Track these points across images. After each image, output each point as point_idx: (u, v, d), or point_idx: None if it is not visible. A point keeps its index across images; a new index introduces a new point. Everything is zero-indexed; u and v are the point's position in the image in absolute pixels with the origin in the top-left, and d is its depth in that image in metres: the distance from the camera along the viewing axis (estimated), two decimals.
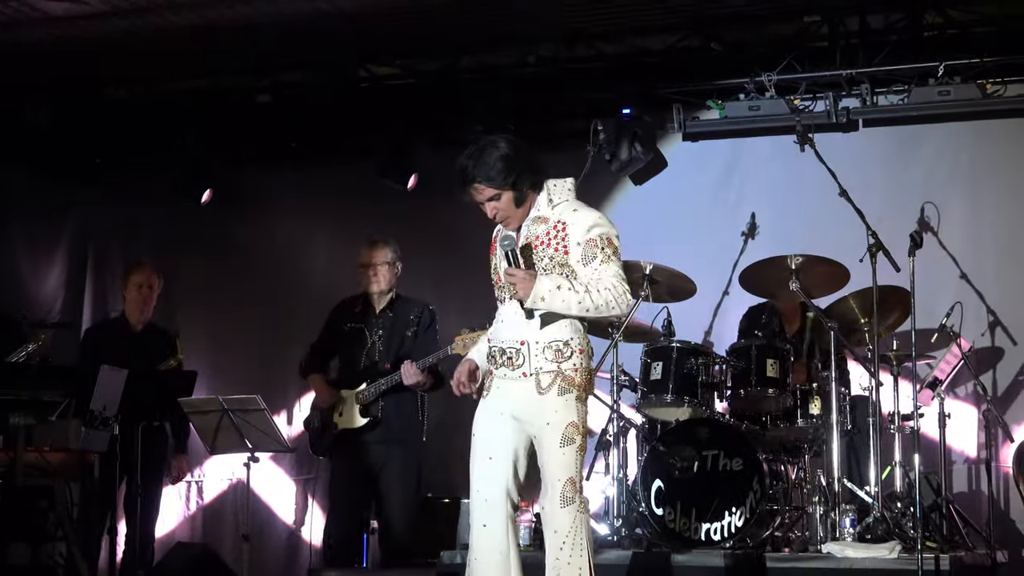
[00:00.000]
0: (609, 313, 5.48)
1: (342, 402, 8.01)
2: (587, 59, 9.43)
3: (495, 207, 5.55)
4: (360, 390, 7.91)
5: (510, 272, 5.47)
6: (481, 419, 5.59)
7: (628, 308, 5.56)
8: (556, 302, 5.43)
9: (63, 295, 10.76)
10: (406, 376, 7.73)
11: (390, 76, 9.86)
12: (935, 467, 8.01)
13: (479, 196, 5.55)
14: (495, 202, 5.54)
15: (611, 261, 5.48)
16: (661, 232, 9.18)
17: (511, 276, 5.46)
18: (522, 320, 5.48)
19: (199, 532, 10.21)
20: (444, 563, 7.53)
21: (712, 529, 7.53)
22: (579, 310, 5.44)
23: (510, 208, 5.55)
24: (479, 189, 5.53)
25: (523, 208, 5.56)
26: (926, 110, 8.79)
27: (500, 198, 5.53)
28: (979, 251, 8.95)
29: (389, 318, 8.03)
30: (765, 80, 8.89)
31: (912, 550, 7.05)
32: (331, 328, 8.19)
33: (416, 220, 9.55)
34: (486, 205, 5.57)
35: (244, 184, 10.36)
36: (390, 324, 8.01)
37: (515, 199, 5.53)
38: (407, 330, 7.95)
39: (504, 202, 5.53)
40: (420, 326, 7.96)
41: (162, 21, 8.40)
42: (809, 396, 7.88)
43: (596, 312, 5.45)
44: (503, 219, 5.58)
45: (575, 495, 5.44)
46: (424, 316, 7.96)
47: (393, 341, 7.96)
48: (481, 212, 5.74)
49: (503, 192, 5.52)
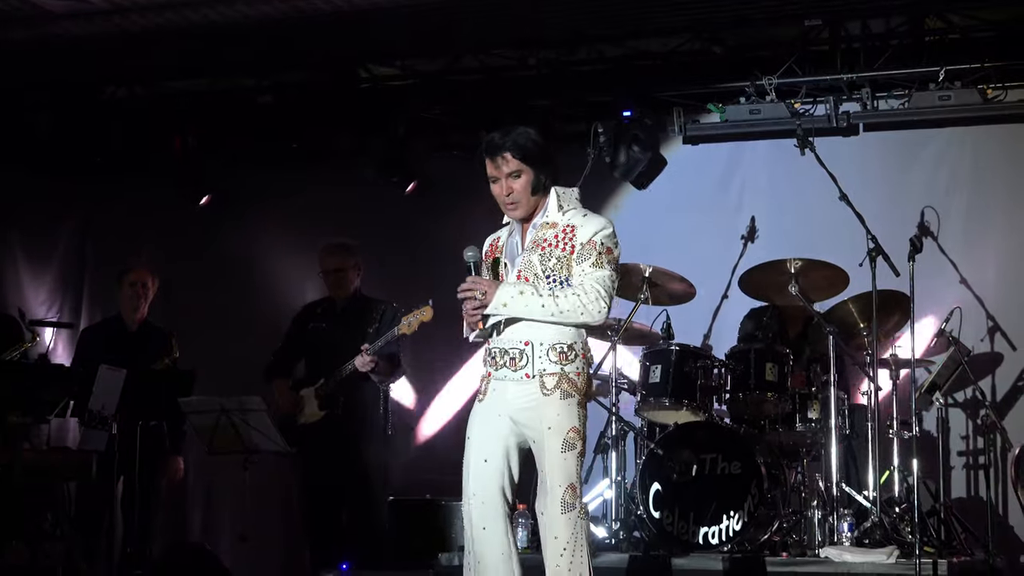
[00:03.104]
0: (578, 319, 5.40)
1: (302, 400, 8.07)
2: (588, 61, 9.43)
3: (511, 185, 5.48)
4: (319, 384, 7.96)
5: (475, 281, 5.44)
6: (476, 421, 5.58)
7: (601, 316, 5.41)
8: (519, 307, 5.40)
9: (62, 294, 10.76)
10: (360, 363, 7.77)
11: (390, 77, 9.86)
12: (933, 472, 8.00)
13: (503, 168, 5.47)
14: (514, 180, 5.47)
15: (603, 267, 5.44)
16: (661, 235, 9.17)
17: (476, 285, 5.43)
18: (525, 321, 5.45)
19: (197, 532, 10.19)
20: (441, 565, 7.53)
21: (710, 533, 7.52)
22: (542, 315, 5.39)
23: (525, 191, 5.49)
24: (506, 159, 5.46)
25: (533, 199, 5.51)
26: (927, 115, 8.77)
27: (520, 176, 5.47)
28: (979, 256, 8.95)
29: (351, 315, 8.09)
30: (766, 84, 8.89)
31: (910, 555, 7.06)
32: (294, 332, 8.29)
33: (416, 221, 9.54)
34: (504, 181, 5.48)
35: (243, 184, 10.35)
36: (352, 321, 8.07)
37: (532, 183, 5.48)
38: (369, 327, 8.00)
39: (522, 182, 5.48)
40: (382, 322, 8.00)
41: (162, 21, 8.39)
42: (808, 400, 7.88)
43: (562, 317, 5.39)
44: (514, 201, 5.50)
45: (575, 501, 5.41)
46: (387, 312, 8.00)
47: (353, 336, 7.99)
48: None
49: (525, 171, 5.47)
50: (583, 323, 5.45)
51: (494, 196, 5.54)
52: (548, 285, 5.44)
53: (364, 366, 7.79)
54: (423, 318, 6.57)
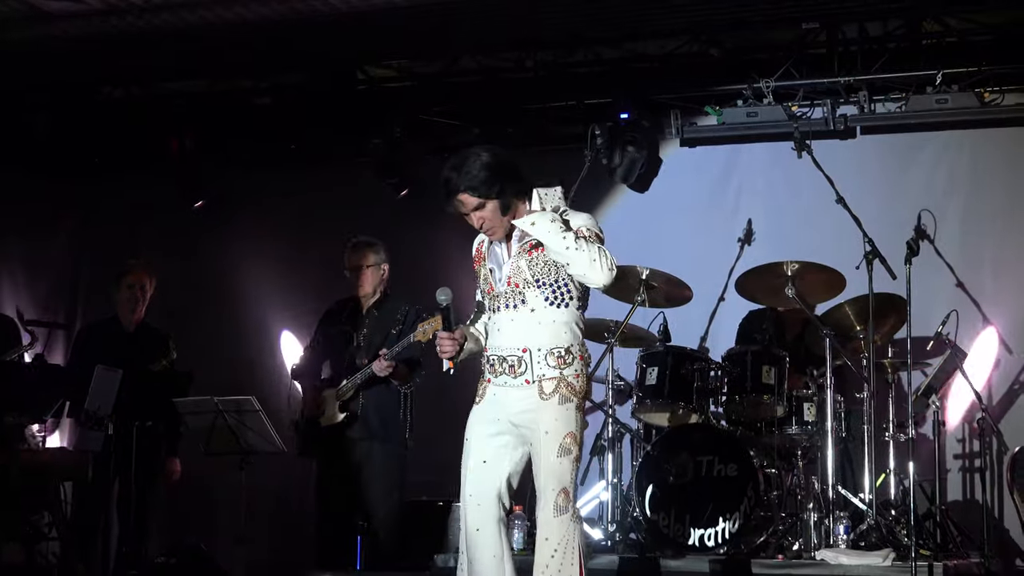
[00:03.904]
0: (588, 268, 5.36)
1: (325, 402, 8.04)
2: (585, 63, 9.44)
3: (480, 217, 5.52)
4: (340, 387, 7.94)
5: (450, 338, 5.51)
6: (475, 424, 5.59)
7: (608, 274, 5.39)
8: (542, 230, 5.40)
9: (59, 294, 10.76)
10: (377, 367, 7.75)
11: (388, 78, 9.87)
12: (929, 475, 8.00)
13: (464, 207, 5.52)
14: (480, 212, 5.51)
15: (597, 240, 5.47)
16: (658, 237, 9.18)
17: (450, 344, 5.49)
18: (522, 328, 5.47)
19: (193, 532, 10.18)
20: (437, 567, 7.52)
21: (706, 535, 7.52)
22: (560, 245, 5.37)
23: (496, 218, 5.52)
24: (464, 200, 5.50)
25: (507, 217, 5.54)
26: (924, 118, 8.79)
27: (485, 207, 5.50)
28: (975, 259, 8.96)
29: (375, 317, 8.06)
30: (763, 86, 8.90)
31: (906, 558, 7.05)
32: (320, 331, 8.23)
33: (414, 223, 9.53)
34: (472, 216, 5.54)
35: (240, 185, 10.35)
36: (375, 323, 8.04)
37: (501, 207, 5.51)
38: (392, 328, 7.97)
39: (489, 211, 5.51)
40: (405, 324, 7.97)
41: (160, 22, 8.39)
42: (804, 403, 7.88)
43: (578, 254, 5.35)
44: (488, 228, 5.56)
45: (568, 504, 5.44)
46: (410, 314, 7.96)
47: (376, 339, 7.96)
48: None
49: (488, 202, 5.49)
50: (590, 273, 5.40)
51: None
52: (539, 289, 5.46)
53: (382, 371, 7.75)
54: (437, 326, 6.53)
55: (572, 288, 5.52)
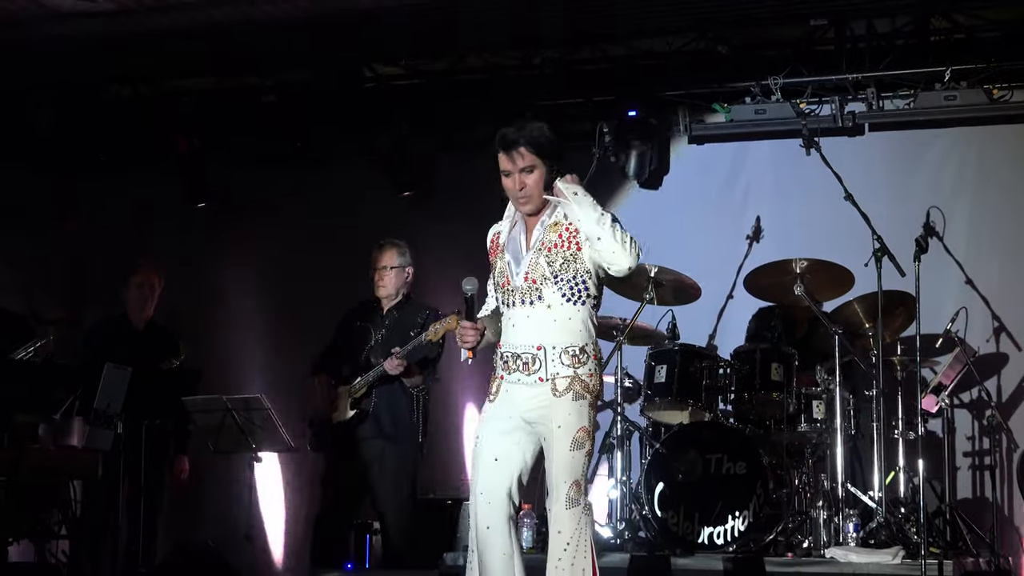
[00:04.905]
0: (619, 246, 5.36)
1: (338, 398, 8.04)
2: (593, 61, 9.43)
3: (524, 180, 5.49)
4: (353, 384, 7.94)
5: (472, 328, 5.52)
6: (487, 421, 5.58)
7: (632, 259, 5.39)
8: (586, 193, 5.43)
9: (67, 293, 10.75)
10: (388, 366, 7.75)
11: (395, 76, 9.86)
12: (939, 472, 8.00)
13: (517, 162, 5.48)
14: (527, 175, 5.48)
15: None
16: (666, 235, 9.15)
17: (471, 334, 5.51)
18: (537, 325, 5.46)
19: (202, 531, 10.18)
20: (446, 565, 7.52)
21: (715, 533, 7.52)
22: (594, 219, 5.38)
23: (538, 186, 5.50)
24: (521, 154, 5.47)
25: (542, 193, 5.51)
26: (932, 115, 8.78)
27: (534, 171, 5.48)
28: (984, 256, 8.95)
29: (395, 318, 8.05)
30: (771, 83, 8.89)
31: (916, 556, 7.06)
32: (342, 328, 8.23)
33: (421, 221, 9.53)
34: (517, 176, 5.49)
35: (247, 183, 10.34)
36: (394, 324, 8.03)
37: (545, 178, 5.50)
38: (411, 330, 7.96)
39: (535, 176, 5.48)
40: (425, 327, 7.96)
41: (167, 20, 8.39)
42: (813, 400, 7.87)
43: (611, 230, 5.36)
44: (526, 195, 5.51)
45: (580, 497, 5.44)
46: (430, 318, 7.95)
47: (394, 340, 7.96)
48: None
49: (539, 165, 5.48)
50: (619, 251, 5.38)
51: (505, 189, 5.54)
52: (557, 286, 5.46)
53: (393, 370, 7.75)
54: (448, 326, 6.54)
55: (590, 286, 5.51)
